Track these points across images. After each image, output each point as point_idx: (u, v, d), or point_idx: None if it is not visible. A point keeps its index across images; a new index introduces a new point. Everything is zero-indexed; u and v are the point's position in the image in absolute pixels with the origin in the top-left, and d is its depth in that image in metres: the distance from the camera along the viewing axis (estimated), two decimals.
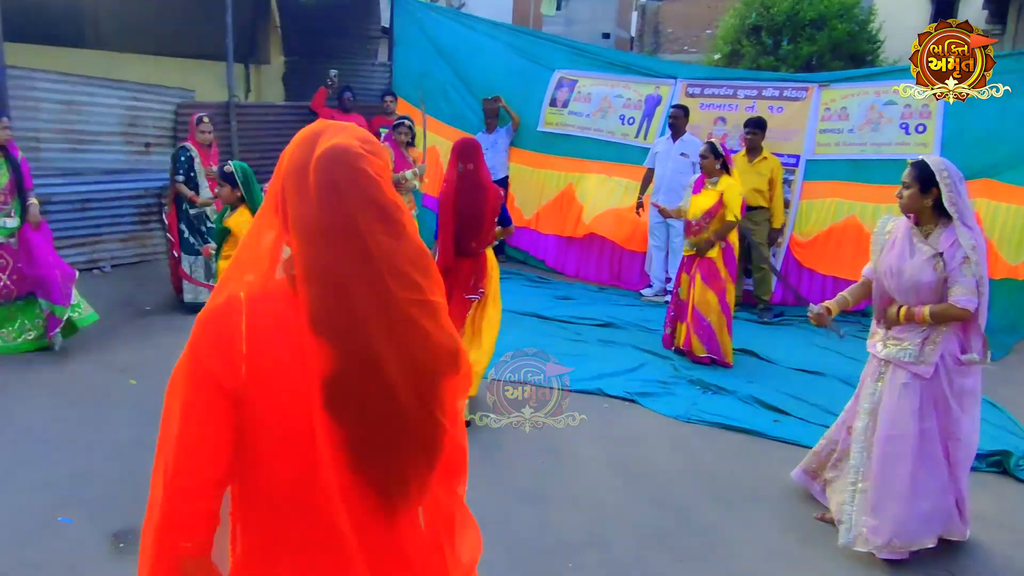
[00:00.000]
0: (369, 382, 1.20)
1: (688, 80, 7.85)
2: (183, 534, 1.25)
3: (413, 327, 1.22)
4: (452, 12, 10.22)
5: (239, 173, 4.47)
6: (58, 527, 3.19)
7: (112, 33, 9.06)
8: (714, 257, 5.36)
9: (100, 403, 4.38)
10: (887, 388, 3.20)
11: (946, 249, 3.04)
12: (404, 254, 1.22)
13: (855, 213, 6.92)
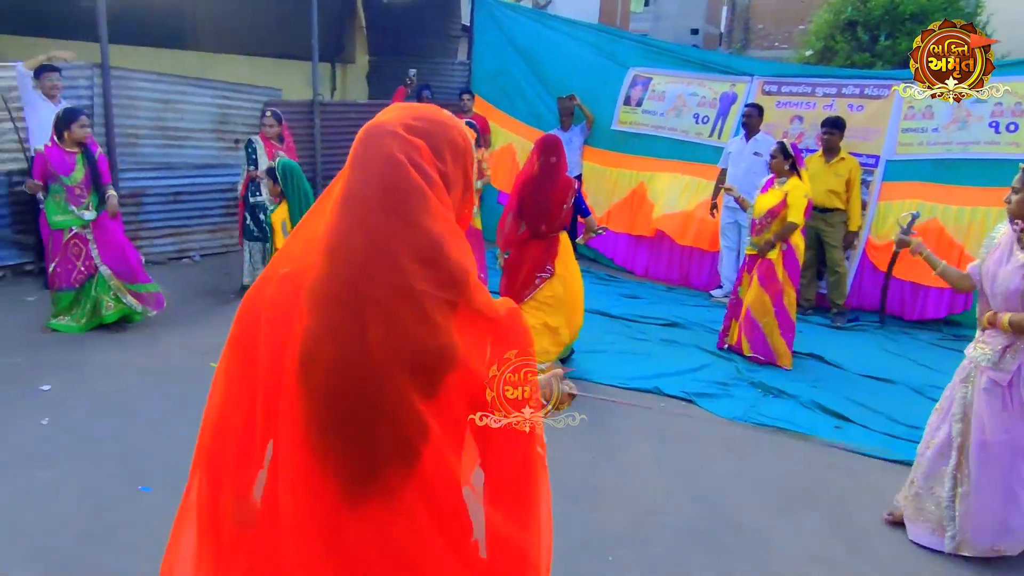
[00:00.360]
0: (343, 359, 1.18)
1: (765, 78, 7.71)
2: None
3: (395, 314, 1.17)
4: (531, 11, 10.32)
5: (279, 170, 4.75)
6: (138, 495, 3.46)
7: (208, 35, 9.58)
8: (773, 259, 5.33)
9: (182, 383, 4.68)
10: (976, 392, 3.17)
11: None
12: (404, 239, 1.18)
13: (937, 215, 6.64)
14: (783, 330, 5.32)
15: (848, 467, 4.09)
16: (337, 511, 1.23)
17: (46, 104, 5.96)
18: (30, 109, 5.98)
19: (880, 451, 4.24)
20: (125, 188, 6.87)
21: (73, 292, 5.28)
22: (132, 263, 5.42)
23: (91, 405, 4.31)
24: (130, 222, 6.99)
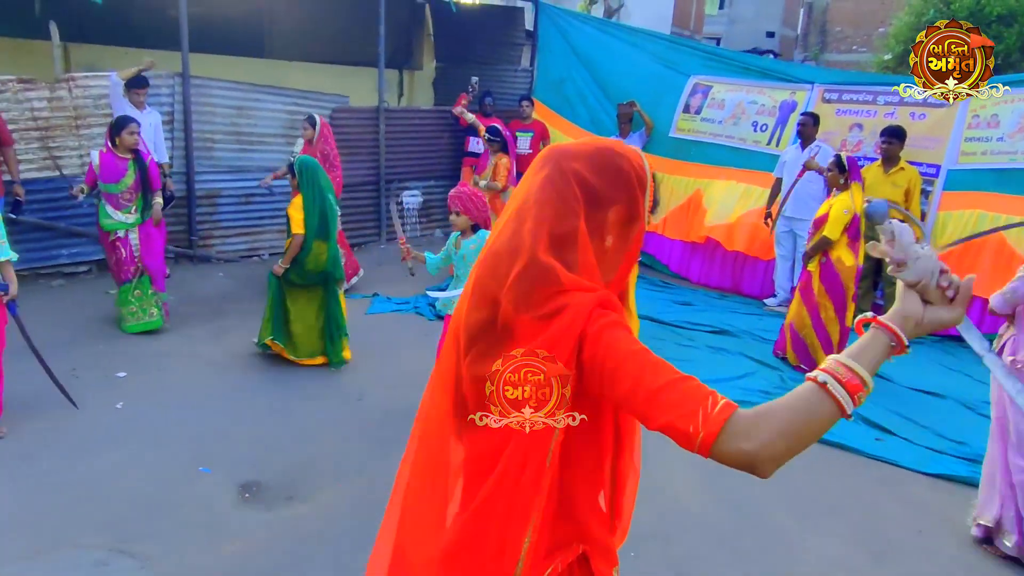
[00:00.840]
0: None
1: (825, 85, 7.65)
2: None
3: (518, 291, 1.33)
4: (594, 19, 10.44)
5: (297, 166, 5.00)
6: (198, 475, 3.75)
7: (282, 44, 10.02)
8: (812, 271, 5.35)
9: (244, 375, 5.00)
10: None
11: None
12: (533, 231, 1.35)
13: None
14: (823, 344, 5.30)
15: (883, 478, 4.10)
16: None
17: (135, 112, 6.39)
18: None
19: (919, 464, 4.22)
20: (201, 189, 7.30)
21: (130, 286, 5.50)
22: (159, 272, 5.68)
23: (161, 392, 4.65)
24: (204, 221, 7.43)
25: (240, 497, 3.59)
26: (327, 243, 5.04)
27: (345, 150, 8.30)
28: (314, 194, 5.02)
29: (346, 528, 3.38)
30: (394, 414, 4.49)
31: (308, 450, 4.05)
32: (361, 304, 6.61)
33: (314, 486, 3.70)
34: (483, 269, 1.41)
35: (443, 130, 9.09)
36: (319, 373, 5.09)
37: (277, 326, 5.11)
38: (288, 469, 3.84)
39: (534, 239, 1.34)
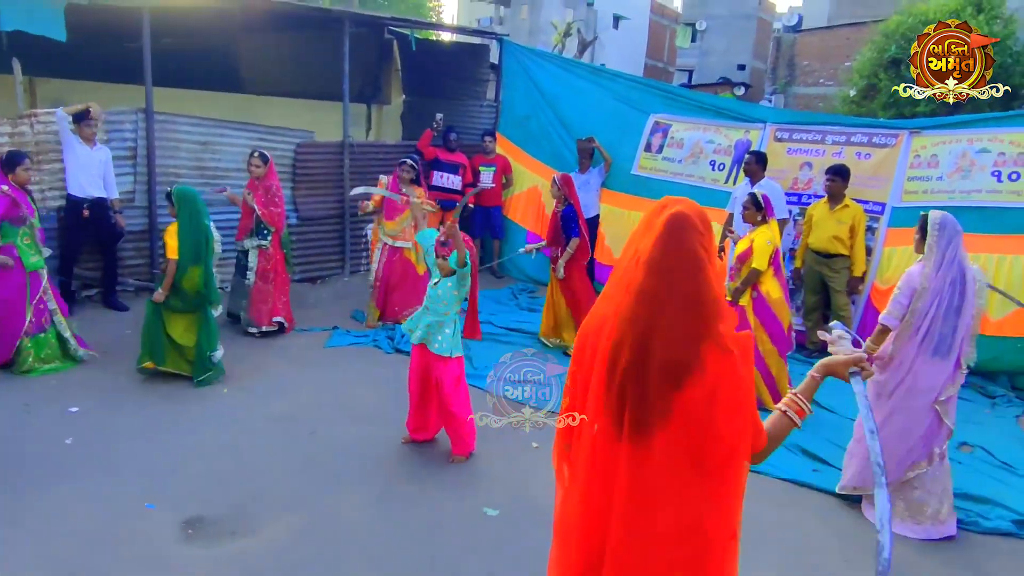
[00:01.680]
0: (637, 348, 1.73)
1: (777, 125, 7.89)
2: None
3: (669, 329, 1.74)
4: (557, 58, 10.69)
5: (175, 195, 5.38)
6: (143, 511, 3.80)
7: (250, 79, 10.18)
8: (744, 305, 5.51)
9: (197, 409, 5.05)
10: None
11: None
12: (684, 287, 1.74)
13: None
14: (763, 377, 5.46)
15: (817, 508, 4.23)
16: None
17: (83, 148, 6.49)
18: (68, 151, 6.50)
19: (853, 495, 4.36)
20: (164, 223, 7.34)
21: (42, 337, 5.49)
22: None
23: (111, 427, 4.69)
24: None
25: (183, 532, 3.65)
26: (200, 267, 5.41)
27: (310, 184, 8.45)
28: (190, 221, 5.37)
29: (288, 562, 3.45)
30: (343, 448, 4.56)
31: (254, 484, 4.11)
32: (320, 337, 6.69)
33: (258, 520, 3.77)
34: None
35: None
36: (272, 406, 5.16)
37: (157, 351, 5.39)
38: (233, 503, 3.90)
39: None
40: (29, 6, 6.23)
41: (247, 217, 6.65)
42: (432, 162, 8.88)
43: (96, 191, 6.64)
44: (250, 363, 5.95)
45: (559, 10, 39.99)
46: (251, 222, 6.62)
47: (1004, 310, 6.33)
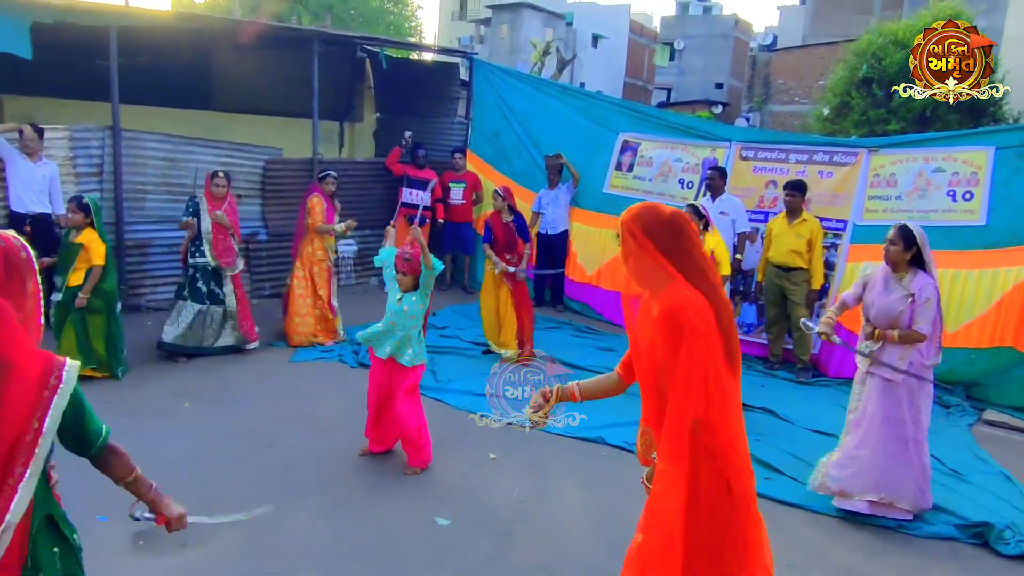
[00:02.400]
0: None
1: (742, 143, 8.05)
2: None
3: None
4: (525, 76, 10.84)
5: (92, 204, 5.60)
6: (95, 523, 3.81)
7: (220, 96, 10.25)
8: None
9: (157, 423, 5.07)
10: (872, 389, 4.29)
11: (916, 291, 4.10)
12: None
13: None
14: None
15: (768, 516, 4.29)
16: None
17: (26, 163, 6.48)
18: (10, 167, 6.49)
19: (803, 502, 4.45)
20: (131, 239, 7.40)
21: None
22: None
23: None
24: (134, 271, 7.51)
25: (135, 544, 3.66)
26: (113, 267, 5.84)
27: (279, 201, 8.51)
28: (102, 228, 5.66)
29: (238, 574, 3.47)
30: (301, 461, 4.60)
31: (209, 496, 4.13)
32: (285, 352, 6.72)
33: (207, 532, 3.78)
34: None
35: (378, 181, 9.33)
36: (233, 419, 5.18)
37: (84, 354, 5.56)
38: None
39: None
40: None
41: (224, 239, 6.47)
42: (401, 179, 8.96)
43: (39, 207, 6.58)
44: (215, 378, 5.98)
45: (538, 29, 40.44)
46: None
47: (959, 321, 6.49)
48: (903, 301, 4.14)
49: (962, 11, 19.78)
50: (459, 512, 4.12)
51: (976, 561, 3.98)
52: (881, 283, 4.26)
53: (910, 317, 4.12)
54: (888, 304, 4.17)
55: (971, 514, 4.29)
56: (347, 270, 9.18)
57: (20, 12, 6.36)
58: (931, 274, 4.14)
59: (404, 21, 35.68)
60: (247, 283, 8.30)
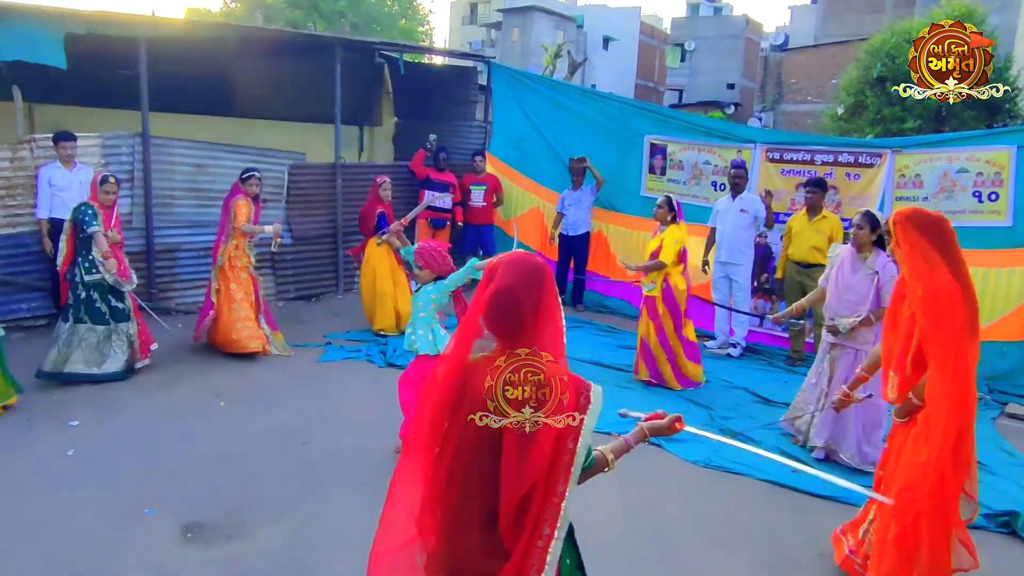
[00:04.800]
0: None
1: (767, 144, 8.03)
2: None
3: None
4: (543, 79, 10.93)
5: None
6: (143, 517, 3.94)
7: (247, 103, 10.40)
8: (655, 295, 6.27)
9: (195, 422, 5.19)
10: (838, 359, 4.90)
11: (880, 268, 4.65)
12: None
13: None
14: (667, 355, 6.28)
15: (794, 506, 4.38)
16: None
17: (62, 171, 6.61)
18: (47, 175, 6.59)
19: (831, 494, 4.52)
20: (160, 244, 7.55)
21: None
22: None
23: (111, 440, 4.83)
24: (163, 274, 7.65)
25: (182, 536, 3.78)
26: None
27: (303, 205, 8.65)
28: None
29: (281, 563, 3.58)
30: (337, 457, 4.70)
31: (250, 491, 4.25)
32: (314, 352, 6.84)
33: (253, 525, 3.90)
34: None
35: (399, 184, 9.41)
36: (267, 418, 5.29)
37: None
38: (229, 509, 4.04)
39: None
40: (29, 37, 6.43)
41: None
42: (423, 181, 9.08)
43: None
44: (245, 377, 6.10)
45: (549, 32, 40.61)
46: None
47: (992, 317, 6.56)
48: (869, 279, 4.69)
49: (976, 9, 19.74)
50: None
51: (1005, 549, 4.04)
52: (849, 264, 4.80)
53: (877, 293, 4.65)
54: (856, 282, 4.72)
55: (997, 504, 4.34)
56: None
57: (55, 24, 6.52)
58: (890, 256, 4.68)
59: (416, 26, 35.88)
60: (272, 286, 8.46)
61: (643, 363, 6.42)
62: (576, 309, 8.96)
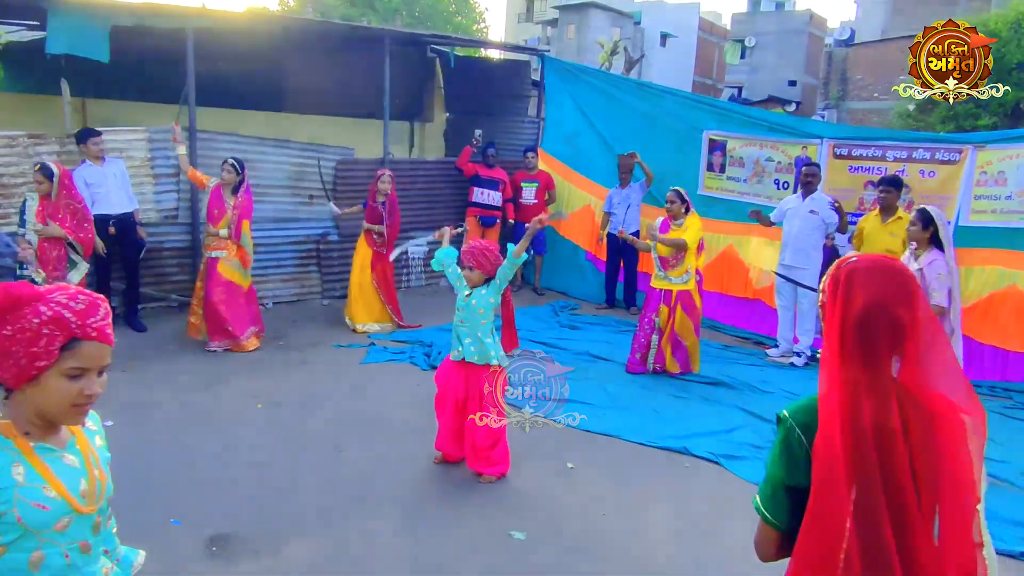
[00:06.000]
0: None
1: (834, 140, 7.57)
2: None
3: None
4: (599, 72, 10.58)
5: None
6: (169, 527, 3.75)
7: (297, 98, 10.32)
8: (691, 289, 6.27)
9: (230, 426, 5.01)
10: None
11: (925, 266, 4.72)
12: None
13: (1016, 282, 6.60)
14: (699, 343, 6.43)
15: None
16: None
17: (92, 168, 6.48)
18: (79, 174, 6.37)
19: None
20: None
21: None
22: None
23: (145, 443, 4.67)
24: None
25: (207, 550, 3.57)
26: None
27: (351, 201, 8.43)
28: None
29: None
30: (373, 467, 4.46)
31: (281, 503, 4.03)
32: (357, 354, 6.64)
33: (281, 540, 3.67)
34: None
35: (447, 181, 9.21)
36: (304, 423, 5.09)
37: None
38: (259, 522, 3.82)
39: None
40: (75, 29, 6.36)
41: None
42: (472, 178, 8.83)
43: (119, 207, 6.59)
44: (284, 379, 5.92)
45: (606, 29, 40.05)
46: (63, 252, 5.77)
47: None
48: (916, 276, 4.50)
49: None
50: (535, 526, 3.91)
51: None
52: (905, 262, 4.74)
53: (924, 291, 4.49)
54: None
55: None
56: (417, 271, 9.09)
57: (101, 16, 6.44)
58: (944, 253, 4.69)
59: (471, 23, 35.78)
60: (318, 284, 8.31)
61: (672, 357, 6.39)
62: (630, 312, 8.59)
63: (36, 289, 1.52)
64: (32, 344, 1.47)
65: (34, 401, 1.52)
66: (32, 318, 1.47)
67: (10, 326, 1.47)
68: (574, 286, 9.33)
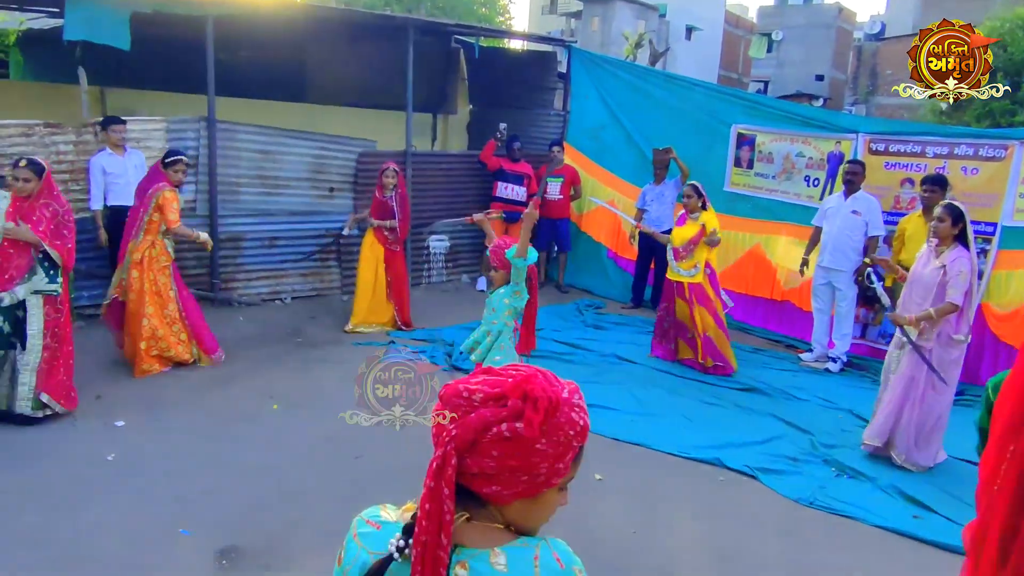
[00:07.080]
0: None
1: (870, 135, 7.26)
2: None
3: None
4: (627, 64, 10.28)
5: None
6: (178, 537, 3.57)
7: (320, 89, 10.13)
8: (701, 282, 6.31)
9: (243, 427, 4.84)
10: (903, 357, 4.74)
11: (948, 263, 4.51)
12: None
13: None
14: (727, 336, 6.41)
15: (918, 563, 3.71)
16: None
17: (112, 157, 6.32)
18: (99, 163, 6.30)
19: (959, 546, 3.83)
20: (224, 232, 7.27)
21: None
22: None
23: (155, 444, 4.51)
24: (227, 264, 7.40)
25: (216, 563, 3.40)
26: None
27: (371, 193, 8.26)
28: None
29: None
30: (391, 475, 4.26)
31: (294, 512, 3.85)
32: (376, 352, 6.44)
33: (294, 553, 3.49)
34: None
35: (471, 174, 8.99)
36: (321, 426, 4.91)
37: None
38: (270, 533, 3.64)
39: None
40: (94, 16, 6.19)
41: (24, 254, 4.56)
42: (496, 173, 8.61)
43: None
44: (303, 378, 5.75)
45: (630, 21, 39.57)
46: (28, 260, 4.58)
47: None
48: (937, 272, 4.53)
49: None
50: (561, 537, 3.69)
51: None
52: (925, 258, 4.71)
53: (942, 287, 4.49)
54: (926, 275, 4.59)
55: None
56: (438, 267, 8.89)
57: (120, 2, 6.27)
58: (969, 249, 4.51)
59: (495, 15, 35.47)
60: (337, 279, 8.13)
61: (704, 352, 6.37)
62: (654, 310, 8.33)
63: (556, 388, 1.18)
64: (559, 459, 1.16)
65: (516, 515, 1.20)
66: (568, 429, 1.16)
67: (546, 438, 1.14)
68: (598, 284, 9.09)
